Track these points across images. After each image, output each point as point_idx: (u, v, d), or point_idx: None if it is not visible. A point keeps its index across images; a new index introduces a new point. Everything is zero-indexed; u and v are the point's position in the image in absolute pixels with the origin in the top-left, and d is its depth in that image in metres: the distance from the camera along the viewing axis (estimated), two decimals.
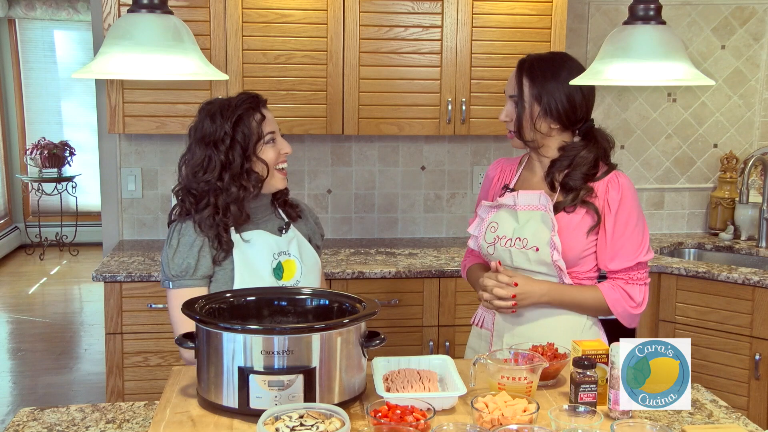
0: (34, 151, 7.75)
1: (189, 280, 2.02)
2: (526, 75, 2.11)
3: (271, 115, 2.12)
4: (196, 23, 3.12)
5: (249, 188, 2.04)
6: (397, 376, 1.76)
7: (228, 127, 2.03)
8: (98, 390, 4.45)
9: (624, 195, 2.06)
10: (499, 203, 2.17)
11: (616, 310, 2.08)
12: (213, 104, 2.09)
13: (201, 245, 2.03)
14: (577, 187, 2.07)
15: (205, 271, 2.04)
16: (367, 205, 3.76)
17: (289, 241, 2.15)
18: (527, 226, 2.11)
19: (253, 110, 2.06)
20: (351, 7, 3.21)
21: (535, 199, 2.11)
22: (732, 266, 3.31)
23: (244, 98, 2.08)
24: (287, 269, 2.12)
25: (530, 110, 2.10)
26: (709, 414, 1.78)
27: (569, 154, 2.10)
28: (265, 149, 2.07)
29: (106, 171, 3.59)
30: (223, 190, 2.03)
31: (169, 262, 2.03)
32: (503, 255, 2.15)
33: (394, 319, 3.15)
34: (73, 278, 7.12)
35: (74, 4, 8.03)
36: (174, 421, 1.61)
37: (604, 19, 3.78)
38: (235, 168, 2.03)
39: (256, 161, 2.06)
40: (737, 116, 3.94)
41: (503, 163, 2.32)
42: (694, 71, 1.95)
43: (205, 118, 2.07)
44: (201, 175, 2.04)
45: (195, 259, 2.02)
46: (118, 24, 1.76)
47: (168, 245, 2.05)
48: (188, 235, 2.03)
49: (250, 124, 2.05)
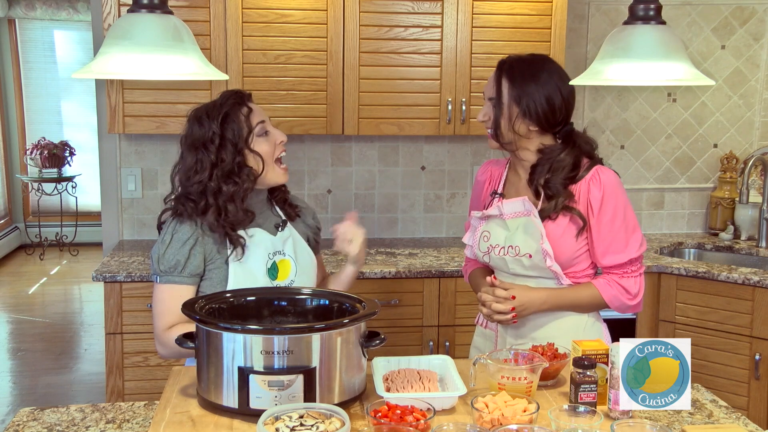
0: (34, 151, 7.75)
1: (177, 276, 2.02)
2: (506, 76, 2.09)
3: (257, 107, 2.10)
4: (196, 23, 3.11)
5: (241, 184, 2.02)
6: (397, 376, 1.76)
7: (216, 127, 2.01)
8: (98, 390, 4.44)
9: (606, 192, 2.04)
10: (485, 215, 2.17)
11: (614, 305, 2.09)
12: (198, 109, 2.08)
13: (194, 243, 2.02)
14: (558, 193, 2.06)
15: (194, 270, 2.02)
16: (367, 205, 3.76)
17: (285, 240, 2.13)
18: (517, 234, 2.10)
19: (239, 105, 2.05)
20: (351, 7, 3.21)
21: (520, 206, 2.10)
22: (732, 266, 3.31)
23: (228, 95, 2.07)
24: (282, 269, 2.11)
25: (509, 111, 2.08)
26: (709, 414, 1.78)
27: (547, 157, 2.08)
28: (258, 141, 2.06)
29: (106, 171, 3.59)
30: (216, 189, 2.02)
31: (159, 258, 2.03)
32: (499, 263, 2.16)
33: (394, 319, 3.15)
34: (73, 278, 7.12)
35: (74, 4, 8.03)
36: (174, 421, 1.61)
37: (604, 19, 3.77)
38: (226, 166, 2.02)
39: (250, 155, 2.04)
40: (737, 116, 3.94)
41: (491, 166, 2.30)
42: (694, 71, 1.95)
43: (193, 124, 2.06)
44: (193, 178, 2.03)
45: (185, 257, 2.01)
46: (118, 24, 1.77)
47: (161, 240, 2.04)
48: (182, 232, 2.02)
49: (238, 119, 2.03)
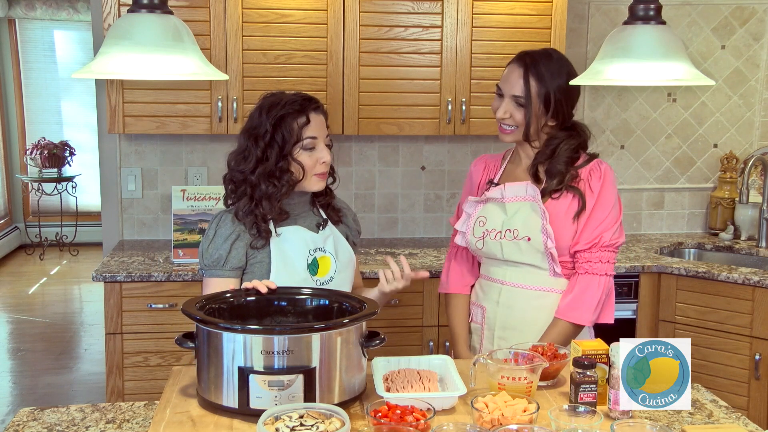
0: (34, 151, 7.74)
1: (219, 270, 2.06)
2: (533, 74, 2.13)
3: (321, 120, 2.11)
4: (196, 23, 3.11)
5: (279, 187, 2.06)
6: (397, 376, 1.76)
7: (269, 125, 2.05)
8: (98, 390, 4.44)
9: (605, 179, 2.14)
10: (486, 197, 2.20)
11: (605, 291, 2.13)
12: (268, 98, 2.11)
13: (236, 238, 2.06)
14: (561, 171, 2.13)
15: (236, 263, 2.07)
16: (367, 205, 3.76)
17: (326, 238, 2.16)
18: (516, 217, 2.14)
19: (299, 113, 2.06)
20: (351, 7, 3.21)
21: (522, 190, 2.15)
22: (732, 266, 3.31)
23: (294, 99, 2.08)
24: (322, 265, 2.13)
25: (537, 110, 2.14)
26: (709, 414, 1.78)
27: (552, 143, 2.16)
28: (301, 153, 2.07)
29: (106, 171, 3.59)
30: (256, 183, 2.06)
31: (204, 252, 2.09)
32: (493, 248, 2.17)
33: (394, 319, 3.15)
34: (73, 278, 7.12)
35: (74, 4, 8.03)
36: (174, 421, 1.61)
37: (604, 19, 3.77)
38: (269, 165, 2.05)
39: (292, 162, 2.07)
40: (737, 116, 3.94)
41: (487, 159, 2.36)
42: (694, 71, 1.95)
43: (257, 110, 2.10)
44: (239, 165, 2.09)
45: (227, 251, 2.05)
46: (118, 24, 1.77)
47: (205, 236, 2.10)
48: (225, 227, 2.07)
49: (291, 126, 2.05)
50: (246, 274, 2.09)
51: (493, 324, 2.20)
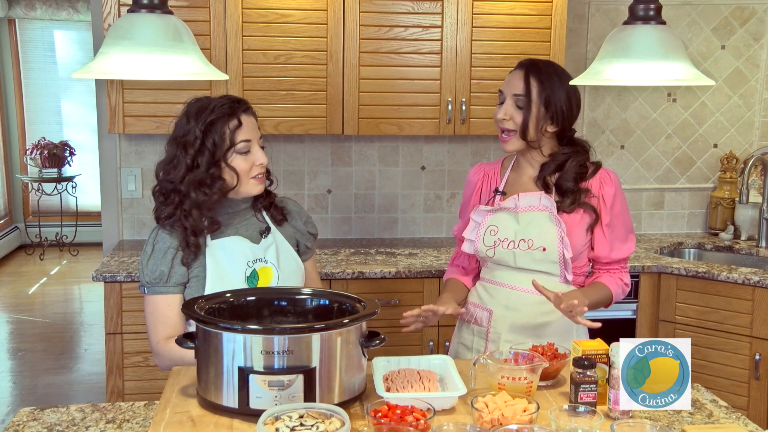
0: (34, 151, 7.74)
1: (162, 287, 2.01)
2: (534, 76, 2.15)
3: (252, 121, 2.04)
4: (196, 23, 3.11)
5: (210, 195, 1.98)
6: (397, 376, 1.76)
7: (198, 131, 1.97)
8: (98, 390, 4.44)
9: (617, 190, 2.20)
10: (499, 207, 2.20)
11: (618, 299, 2.26)
12: (194, 104, 2.03)
13: (175, 252, 2.00)
14: (572, 189, 2.16)
15: (179, 279, 2.01)
16: (367, 205, 3.76)
17: (267, 248, 2.09)
18: (530, 227, 2.15)
19: (229, 116, 1.98)
20: (351, 7, 3.21)
21: (536, 200, 2.16)
22: (732, 266, 3.31)
23: (223, 102, 2.00)
24: (263, 277, 2.06)
25: (537, 111, 2.14)
26: (709, 414, 1.78)
27: (558, 158, 2.19)
28: (236, 158, 2.00)
29: (106, 171, 3.59)
30: (185, 193, 1.98)
31: (143, 268, 2.02)
32: (506, 257, 2.17)
33: (394, 319, 3.14)
34: (73, 278, 7.12)
35: (74, 4, 8.03)
36: (174, 421, 1.61)
37: (604, 19, 3.77)
38: (198, 173, 1.97)
39: (225, 168, 1.99)
40: (737, 116, 3.94)
41: (485, 167, 2.36)
42: (694, 71, 1.95)
43: (183, 116, 2.02)
44: (167, 175, 2.01)
45: (168, 266, 2.00)
46: (118, 24, 1.77)
47: (144, 251, 2.03)
48: (162, 242, 2.01)
49: (222, 131, 1.97)
50: (186, 289, 2.03)
51: (501, 327, 2.20)
